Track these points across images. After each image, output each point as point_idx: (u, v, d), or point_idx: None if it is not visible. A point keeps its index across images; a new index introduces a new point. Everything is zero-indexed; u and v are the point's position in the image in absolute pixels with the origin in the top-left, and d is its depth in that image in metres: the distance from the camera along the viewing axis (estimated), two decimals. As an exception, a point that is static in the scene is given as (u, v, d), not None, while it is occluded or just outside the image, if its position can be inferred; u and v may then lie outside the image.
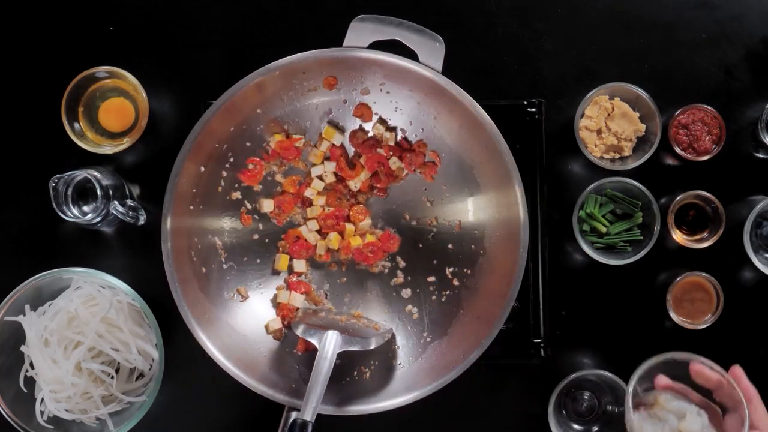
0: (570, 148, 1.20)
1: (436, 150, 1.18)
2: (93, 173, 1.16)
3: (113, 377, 1.15)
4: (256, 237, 1.19)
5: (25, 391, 1.16)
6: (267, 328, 1.17)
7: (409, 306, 1.18)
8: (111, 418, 1.15)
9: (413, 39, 1.10)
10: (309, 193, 1.19)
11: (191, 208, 1.13)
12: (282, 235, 1.19)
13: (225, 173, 1.16)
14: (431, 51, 1.10)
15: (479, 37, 1.24)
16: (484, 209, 1.16)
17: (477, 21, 1.24)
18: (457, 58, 1.14)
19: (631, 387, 1.00)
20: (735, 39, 1.23)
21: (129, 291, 1.14)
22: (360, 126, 1.19)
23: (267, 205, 1.18)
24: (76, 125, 1.20)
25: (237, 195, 1.18)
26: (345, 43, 1.11)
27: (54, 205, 1.15)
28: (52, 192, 1.15)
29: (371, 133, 1.19)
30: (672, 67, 1.23)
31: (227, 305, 1.16)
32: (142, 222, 1.19)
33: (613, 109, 1.20)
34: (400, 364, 1.15)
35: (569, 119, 1.20)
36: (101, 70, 1.19)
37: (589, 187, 1.17)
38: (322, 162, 1.19)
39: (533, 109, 1.20)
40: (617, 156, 1.21)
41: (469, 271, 1.17)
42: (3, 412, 1.12)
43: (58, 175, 1.15)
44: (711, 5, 1.24)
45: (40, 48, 1.25)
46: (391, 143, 1.18)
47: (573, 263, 1.22)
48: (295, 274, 1.19)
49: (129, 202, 1.18)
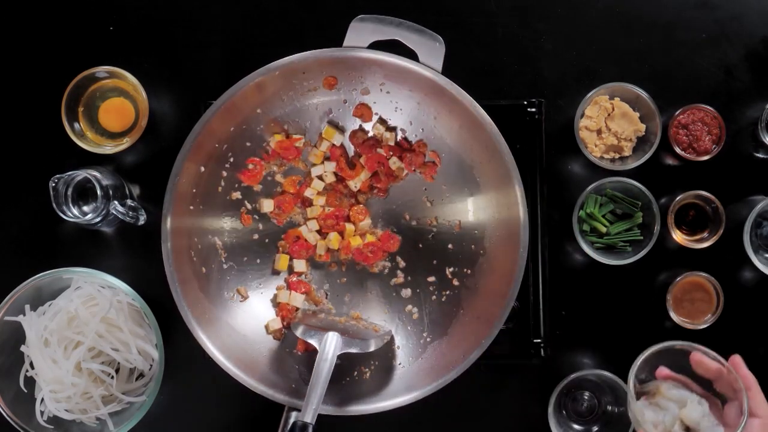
0: (570, 148, 1.20)
1: (436, 150, 1.18)
2: (93, 173, 1.16)
3: (113, 377, 1.15)
4: (256, 237, 1.19)
5: (25, 391, 1.16)
6: (267, 328, 1.17)
7: (409, 306, 1.18)
8: (111, 418, 1.15)
9: (413, 39, 1.10)
10: (309, 193, 1.19)
11: (191, 208, 1.13)
12: (282, 235, 1.19)
13: (225, 173, 1.16)
14: (431, 51, 1.10)
15: (479, 37, 1.24)
16: (484, 209, 1.16)
17: (477, 21, 1.24)
18: (457, 58, 1.14)
19: (633, 375, 1.01)
20: (735, 39, 1.23)
21: (129, 291, 1.14)
22: (360, 126, 1.19)
23: (267, 205, 1.18)
24: (76, 125, 1.20)
25: (237, 195, 1.18)
26: (345, 43, 1.11)
27: (54, 205, 1.15)
28: (52, 192, 1.15)
29: (371, 133, 1.19)
30: (672, 67, 1.23)
31: (227, 305, 1.16)
32: (142, 222, 1.19)
33: (613, 109, 1.20)
34: (400, 364, 1.15)
35: (569, 119, 1.20)
36: (101, 70, 1.19)
37: (589, 187, 1.17)
38: (322, 162, 1.19)
39: (533, 109, 1.20)
40: (617, 156, 1.20)
41: (469, 271, 1.17)
42: (3, 412, 1.12)
43: (58, 175, 1.15)
44: (711, 5, 1.24)
45: (40, 48, 1.25)
46: (391, 143, 1.18)
47: (573, 263, 1.22)
48: (295, 274, 1.19)
49: (129, 202, 1.18)
